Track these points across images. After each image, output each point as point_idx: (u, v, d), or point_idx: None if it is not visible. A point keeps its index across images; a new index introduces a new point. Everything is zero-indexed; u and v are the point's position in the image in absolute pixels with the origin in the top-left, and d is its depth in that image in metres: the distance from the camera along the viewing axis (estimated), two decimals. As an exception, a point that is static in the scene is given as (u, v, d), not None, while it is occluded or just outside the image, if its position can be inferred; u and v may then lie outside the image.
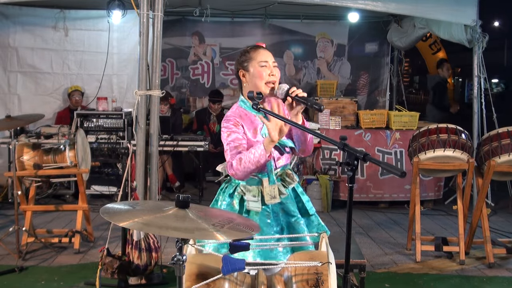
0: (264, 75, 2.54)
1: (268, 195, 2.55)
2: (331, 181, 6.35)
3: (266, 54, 2.60)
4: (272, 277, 2.09)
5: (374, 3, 5.38)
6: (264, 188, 2.56)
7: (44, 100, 7.17)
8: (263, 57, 2.58)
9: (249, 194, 2.58)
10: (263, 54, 2.59)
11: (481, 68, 5.92)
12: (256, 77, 2.57)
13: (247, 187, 2.59)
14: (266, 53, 2.60)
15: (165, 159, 6.84)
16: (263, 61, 2.57)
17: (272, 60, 2.59)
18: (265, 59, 2.58)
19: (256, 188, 2.57)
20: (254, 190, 2.58)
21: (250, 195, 2.58)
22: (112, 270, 3.60)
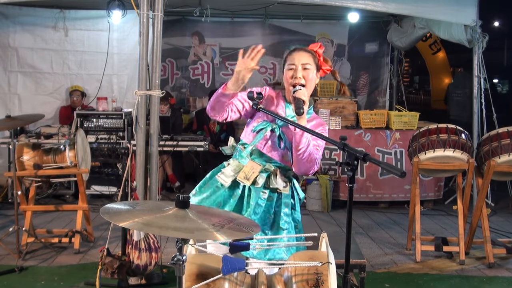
0: (289, 80, 2.53)
1: (244, 173, 2.51)
2: (331, 181, 6.35)
3: (296, 56, 2.56)
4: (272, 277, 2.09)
5: (374, 3, 5.38)
6: (245, 167, 2.53)
7: (44, 100, 7.18)
8: (292, 60, 2.56)
9: (229, 168, 2.57)
10: (293, 56, 2.57)
11: (481, 68, 5.93)
12: (284, 80, 2.58)
13: (234, 162, 2.58)
14: (297, 55, 2.56)
15: (165, 159, 6.84)
16: (291, 63, 2.55)
17: (302, 62, 2.54)
18: (292, 62, 2.55)
19: (241, 166, 2.54)
20: (236, 166, 2.56)
21: (230, 169, 2.56)
22: (112, 270, 3.60)
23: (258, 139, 2.55)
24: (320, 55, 2.63)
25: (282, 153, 2.56)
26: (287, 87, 2.56)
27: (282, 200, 2.56)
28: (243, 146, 2.61)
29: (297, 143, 2.41)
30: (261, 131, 2.55)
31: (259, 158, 2.56)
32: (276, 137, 2.54)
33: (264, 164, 2.55)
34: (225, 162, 2.65)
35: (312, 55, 2.59)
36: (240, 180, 2.51)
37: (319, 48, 2.63)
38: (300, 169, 2.48)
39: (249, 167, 2.53)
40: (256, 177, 2.51)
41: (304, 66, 2.53)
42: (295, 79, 2.50)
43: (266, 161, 2.56)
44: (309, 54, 2.58)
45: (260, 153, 2.56)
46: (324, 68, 2.64)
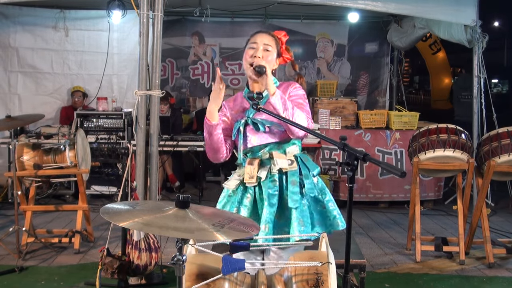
0: (248, 59, 2.51)
1: (247, 174, 2.50)
2: (331, 181, 6.35)
3: (259, 37, 2.55)
4: (272, 277, 2.09)
5: (374, 3, 5.38)
6: (245, 168, 2.52)
7: (45, 100, 7.19)
8: (254, 39, 2.55)
9: (235, 174, 2.58)
10: (256, 37, 2.55)
11: (481, 68, 5.93)
12: (244, 60, 2.56)
13: (240, 168, 2.59)
14: (260, 36, 2.55)
15: (165, 159, 6.84)
16: (253, 42, 2.54)
17: (264, 42, 2.52)
18: (255, 41, 2.54)
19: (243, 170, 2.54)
20: (240, 171, 2.56)
21: (236, 174, 2.57)
22: (112, 270, 3.60)
23: (240, 140, 2.54)
24: (283, 43, 2.62)
25: (267, 134, 2.52)
26: (246, 67, 2.52)
27: (288, 179, 2.50)
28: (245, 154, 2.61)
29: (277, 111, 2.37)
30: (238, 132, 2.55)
31: (254, 154, 2.55)
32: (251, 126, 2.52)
33: (260, 155, 2.53)
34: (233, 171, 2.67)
35: (275, 40, 2.58)
36: (247, 182, 2.50)
37: (283, 36, 2.63)
38: (293, 132, 2.43)
39: (248, 166, 2.52)
40: (258, 171, 2.50)
41: (266, 48, 2.52)
42: (254, 58, 2.48)
43: (259, 150, 2.54)
44: (272, 37, 2.57)
45: (251, 149, 2.55)
46: (285, 56, 2.63)
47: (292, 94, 2.55)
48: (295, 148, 2.56)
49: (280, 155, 2.52)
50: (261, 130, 2.51)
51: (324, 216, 2.54)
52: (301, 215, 2.46)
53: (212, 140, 2.52)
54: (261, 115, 2.50)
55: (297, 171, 2.52)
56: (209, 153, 2.60)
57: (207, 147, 2.57)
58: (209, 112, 2.47)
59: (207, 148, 2.58)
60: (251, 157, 2.55)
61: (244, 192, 2.54)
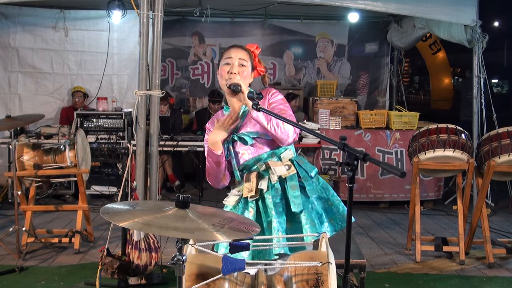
0: (224, 75, 2.46)
1: (246, 189, 2.48)
2: (331, 181, 6.35)
3: (233, 51, 2.50)
4: (272, 277, 2.09)
5: (374, 3, 5.39)
6: (244, 183, 2.51)
7: (45, 100, 7.19)
8: (229, 54, 2.50)
9: (234, 190, 2.57)
10: (230, 51, 2.51)
11: (481, 68, 5.93)
12: (219, 76, 2.52)
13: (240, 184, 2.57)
14: (235, 51, 2.50)
15: (165, 159, 6.84)
16: (227, 57, 2.49)
17: (239, 56, 2.48)
18: (229, 55, 2.49)
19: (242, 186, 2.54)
20: (240, 187, 2.55)
21: (235, 190, 2.56)
22: (112, 270, 3.60)
23: (233, 159, 2.53)
24: (256, 56, 2.59)
25: (256, 145, 2.51)
26: (222, 83, 2.48)
27: (287, 184, 2.48)
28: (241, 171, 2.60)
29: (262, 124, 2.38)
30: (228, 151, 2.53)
31: (249, 168, 2.54)
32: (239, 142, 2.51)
33: (255, 168, 2.53)
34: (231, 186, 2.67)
35: (249, 54, 2.54)
36: (247, 196, 2.49)
37: (255, 49, 2.60)
38: (282, 141, 2.42)
39: (247, 180, 2.52)
40: (257, 184, 2.48)
41: (241, 62, 2.48)
42: (230, 75, 2.44)
43: (254, 163, 2.52)
44: (246, 52, 2.53)
45: (246, 163, 2.54)
46: (259, 69, 2.60)
47: (271, 101, 2.53)
48: (289, 153, 2.55)
49: (276, 163, 2.51)
50: (250, 143, 2.49)
51: (333, 212, 2.54)
52: (310, 217, 2.46)
53: (220, 169, 2.50)
54: (246, 128, 2.50)
55: (296, 175, 2.51)
56: (213, 180, 2.55)
57: (212, 176, 2.53)
58: (216, 143, 2.43)
59: (212, 177, 2.53)
60: (247, 172, 2.54)
61: (246, 207, 2.52)
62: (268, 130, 2.38)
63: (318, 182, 2.58)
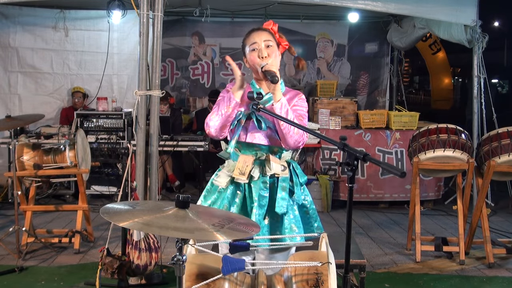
0: (256, 61, 2.47)
1: (238, 170, 2.47)
2: (331, 181, 6.35)
3: (255, 35, 2.51)
4: (272, 277, 2.09)
5: (374, 3, 5.39)
6: (237, 163, 2.49)
7: (45, 100, 7.19)
8: (252, 39, 2.50)
9: (225, 169, 2.54)
10: (253, 36, 2.51)
11: (481, 68, 5.93)
12: (249, 63, 2.52)
13: (230, 162, 2.54)
14: (256, 34, 2.51)
15: (165, 159, 6.84)
16: (252, 43, 2.50)
17: (263, 39, 2.49)
18: (254, 41, 2.50)
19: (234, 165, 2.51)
20: (231, 166, 2.52)
21: (225, 170, 2.54)
22: (112, 270, 3.60)
23: (238, 131, 2.50)
24: (275, 32, 2.59)
25: (267, 134, 2.50)
26: (254, 69, 2.49)
27: (278, 184, 2.48)
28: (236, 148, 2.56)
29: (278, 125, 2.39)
30: (238, 122, 2.50)
31: (248, 150, 2.51)
32: (254, 121, 2.49)
33: (255, 153, 2.50)
34: (221, 166, 2.62)
35: (270, 33, 2.55)
36: (237, 177, 2.47)
37: (273, 26, 2.59)
38: (289, 143, 2.44)
39: (241, 162, 2.49)
40: (251, 170, 2.47)
41: (267, 43, 2.48)
42: (262, 59, 2.45)
43: (256, 150, 2.51)
44: (267, 32, 2.54)
45: (247, 144, 2.51)
46: (283, 43, 2.60)
47: (296, 104, 2.54)
48: (288, 154, 2.56)
49: (276, 159, 2.51)
50: (263, 129, 2.47)
51: (308, 221, 2.56)
52: (293, 221, 2.47)
53: (230, 116, 2.44)
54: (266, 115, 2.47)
55: (288, 178, 2.52)
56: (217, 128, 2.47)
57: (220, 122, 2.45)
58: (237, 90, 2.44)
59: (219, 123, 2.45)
60: (244, 153, 2.52)
61: (235, 189, 2.52)
62: (280, 125, 2.38)
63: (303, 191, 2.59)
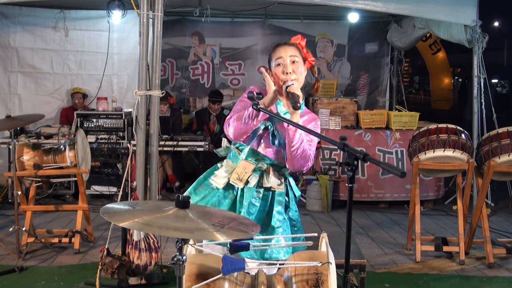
0: (280, 76, 2.43)
1: (236, 174, 2.47)
2: (331, 181, 6.35)
3: (282, 49, 2.47)
4: (272, 277, 2.09)
5: (374, 3, 5.39)
6: (237, 167, 2.50)
7: (45, 100, 7.19)
8: (278, 54, 2.47)
9: (222, 169, 2.55)
10: (279, 50, 2.48)
11: (481, 68, 5.93)
12: (274, 76, 2.47)
13: (228, 162, 2.55)
14: (283, 49, 2.47)
15: (165, 159, 6.84)
16: (278, 57, 2.46)
17: (289, 54, 2.45)
18: (279, 55, 2.46)
19: (233, 167, 2.52)
20: (230, 167, 2.53)
21: (223, 170, 2.54)
22: (112, 270, 3.60)
23: (253, 139, 2.51)
24: (303, 47, 2.56)
25: (277, 150, 2.50)
26: (278, 84, 2.46)
27: (275, 198, 2.49)
28: (237, 148, 2.56)
29: (290, 139, 2.35)
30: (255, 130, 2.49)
31: (252, 157, 2.51)
32: (270, 134, 2.49)
33: (256, 163, 2.51)
34: (219, 164, 2.63)
35: (297, 48, 2.52)
36: (233, 181, 2.48)
37: (301, 40, 2.57)
38: (294, 165, 2.42)
39: (241, 167, 2.49)
40: (249, 177, 2.48)
41: (293, 59, 2.45)
42: (286, 75, 2.42)
43: (259, 160, 2.51)
44: (294, 47, 2.51)
45: (254, 152, 2.51)
46: (309, 59, 2.58)
47: (309, 126, 2.51)
48: (287, 171, 2.57)
49: (275, 173, 2.52)
50: (276, 145, 2.48)
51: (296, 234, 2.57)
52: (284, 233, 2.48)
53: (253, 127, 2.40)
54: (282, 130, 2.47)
55: (284, 192, 2.54)
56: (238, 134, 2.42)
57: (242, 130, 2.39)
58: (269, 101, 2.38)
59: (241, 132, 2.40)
60: (247, 159, 2.52)
61: (228, 190, 2.53)
62: (290, 146, 2.36)
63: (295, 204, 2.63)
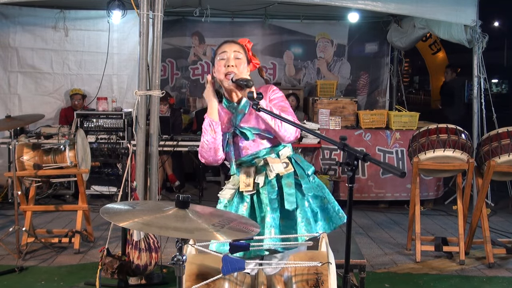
0: (222, 68, 2.48)
1: (243, 183, 2.50)
2: (331, 181, 6.35)
3: (227, 46, 2.53)
4: (272, 277, 2.09)
5: (374, 3, 5.39)
6: (240, 176, 2.54)
7: (45, 100, 7.19)
8: (223, 49, 2.52)
9: (230, 184, 2.58)
10: (224, 46, 2.53)
11: (481, 68, 5.93)
12: (217, 72, 2.52)
13: (234, 177, 2.59)
14: (228, 45, 2.53)
15: (165, 159, 6.84)
16: (222, 52, 2.51)
17: (233, 49, 2.50)
18: (224, 50, 2.51)
19: (238, 179, 2.56)
20: (235, 180, 2.57)
21: (230, 184, 2.58)
22: (112, 270, 3.60)
23: (232, 152, 2.55)
24: (249, 49, 2.60)
25: (258, 141, 2.52)
26: (221, 78, 2.51)
27: (282, 182, 2.51)
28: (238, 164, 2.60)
29: (269, 126, 2.41)
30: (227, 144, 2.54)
31: (245, 163, 2.55)
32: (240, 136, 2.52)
33: (253, 163, 2.53)
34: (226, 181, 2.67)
35: (242, 48, 2.56)
36: (243, 190, 2.51)
37: (248, 43, 2.62)
38: (284, 139, 2.46)
39: (243, 175, 2.54)
40: (254, 178, 2.50)
41: (236, 55, 2.50)
42: (228, 68, 2.47)
43: (253, 160, 2.53)
44: (239, 45, 2.56)
45: (243, 159, 2.55)
46: (254, 62, 2.62)
47: (272, 97, 2.54)
48: (288, 150, 2.57)
49: (275, 160, 2.52)
50: (251, 139, 2.51)
51: (328, 211, 2.56)
52: (305, 215, 2.48)
53: (216, 139, 2.48)
54: (249, 122, 2.50)
55: (292, 173, 2.53)
56: (210, 154, 2.51)
57: (209, 150, 2.49)
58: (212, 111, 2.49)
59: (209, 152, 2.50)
60: (245, 166, 2.55)
61: (240, 201, 2.55)
62: (271, 127, 2.41)
63: (314, 181, 2.61)
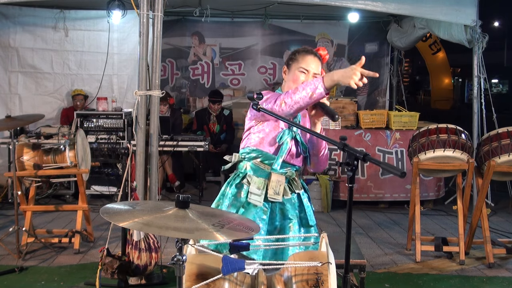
0: (299, 81, 2.54)
1: (272, 190, 2.54)
2: (331, 181, 6.35)
3: (310, 61, 2.57)
4: (272, 277, 2.09)
5: (374, 3, 5.39)
6: (270, 182, 2.55)
7: (45, 100, 7.19)
8: (305, 64, 2.57)
9: (253, 186, 2.57)
10: (307, 61, 2.57)
11: (481, 68, 5.93)
12: (291, 80, 2.59)
13: (254, 178, 2.57)
14: (312, 61, 2.57)
15: (165, 159, 6.84)
16: (303, 68, 2.57)
17: (315, 69, 2.56)
18: (306, 67, 2.56)
19: (263, 181, 2.56)
20: (260, 183, 2.56)
21: (255, 187, 2.57)
22: (112, 270, 3.60)
23: (285, 150, 2.55)
24: (324, 61, 2.67)
25: (302, 157, 2.64)
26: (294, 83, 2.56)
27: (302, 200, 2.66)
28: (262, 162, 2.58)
29: (319, 146, 2.55)
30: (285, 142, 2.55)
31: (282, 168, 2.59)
32: (299, 145, 2.59)
33: (285, 172, 2.59)
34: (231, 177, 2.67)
35: (320, 63, 2.63)
36: (271, 197, 2.55)
37: (326, 54, 2.68)
38: (319, 167, 2.65)
39: (275, 181, 2.55)
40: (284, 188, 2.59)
41: (315, 76, 2.57)
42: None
43: (287, 170, 2.60)
44: (319, 62, 2.61)
45: (284, 163, 2.58)
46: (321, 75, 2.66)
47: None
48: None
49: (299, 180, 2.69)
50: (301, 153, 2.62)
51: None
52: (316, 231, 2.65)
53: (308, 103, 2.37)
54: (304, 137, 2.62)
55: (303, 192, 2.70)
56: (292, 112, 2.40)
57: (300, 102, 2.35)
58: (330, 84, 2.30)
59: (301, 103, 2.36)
60: (275, 170, 2.56)
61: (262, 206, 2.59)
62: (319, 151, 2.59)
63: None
